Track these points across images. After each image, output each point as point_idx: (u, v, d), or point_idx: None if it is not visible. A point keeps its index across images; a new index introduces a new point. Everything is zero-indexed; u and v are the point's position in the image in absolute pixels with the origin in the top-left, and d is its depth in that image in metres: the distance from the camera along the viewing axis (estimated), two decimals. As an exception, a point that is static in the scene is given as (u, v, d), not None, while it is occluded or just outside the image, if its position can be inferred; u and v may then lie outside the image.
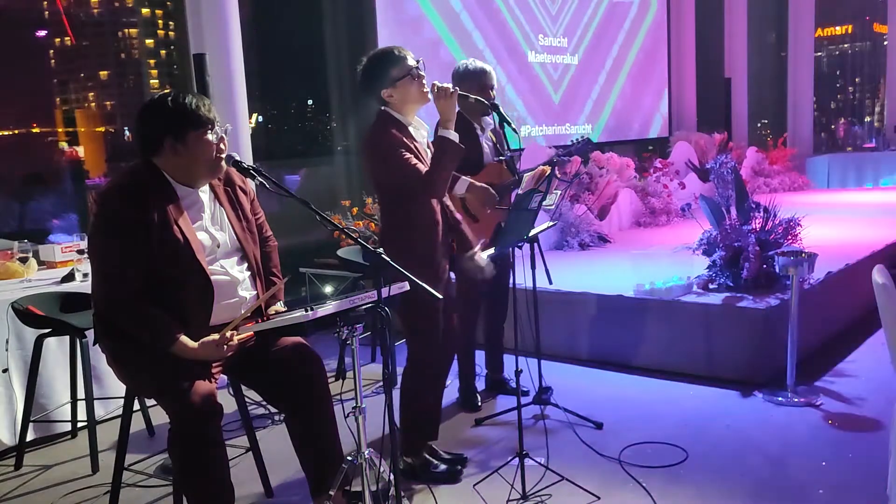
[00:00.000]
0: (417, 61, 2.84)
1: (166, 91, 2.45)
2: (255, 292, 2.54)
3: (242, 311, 2.43)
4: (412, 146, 2.82)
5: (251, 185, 2.65)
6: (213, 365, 2.42)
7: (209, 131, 2.36)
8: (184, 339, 2.31)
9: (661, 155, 9.50)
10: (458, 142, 2.75)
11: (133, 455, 3.20)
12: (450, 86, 2.77)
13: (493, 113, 3.64)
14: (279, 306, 2.62)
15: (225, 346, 2.32)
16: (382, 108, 2.88)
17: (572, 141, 3.88)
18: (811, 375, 4.01)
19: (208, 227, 2.45)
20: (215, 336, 2.33)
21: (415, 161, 2.76)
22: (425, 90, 2.82)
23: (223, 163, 2.42)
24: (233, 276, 2.46)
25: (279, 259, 2.77)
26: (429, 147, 2.93)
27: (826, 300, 4.52)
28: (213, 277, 2.39)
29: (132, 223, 2.28)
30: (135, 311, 2.30)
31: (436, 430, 3.13)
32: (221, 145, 2.40)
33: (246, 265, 2.53)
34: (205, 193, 2.48)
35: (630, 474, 2.99)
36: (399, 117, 2.85)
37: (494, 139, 3.68)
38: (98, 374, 3.63)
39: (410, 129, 2.87)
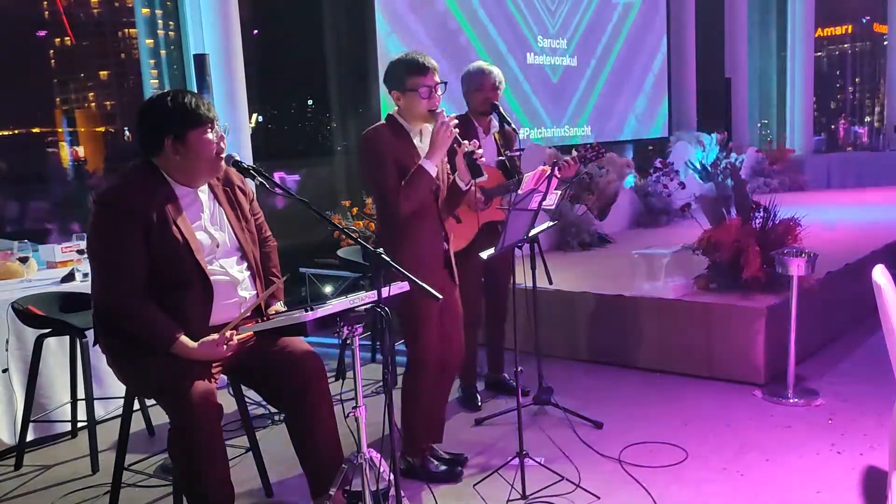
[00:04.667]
0: (440, 82, 2.85)
1: (166, 90, 2.46)
2: (255, 292, 2.54)
3: (242, 311, 2.43)
4: (407, 161, 2.81)
5: (250, 185, 2.65)
6: (213, 365, 2.42)
7: (209, 130, 2.37)
8: (183, 338, 2.31)
9: (660, 155, 9.50)
10: (434, 174, 2.78)
11: (133, 455, 3.20)
12: (454, 122, 2.77)
13: (494, 113, 3.66)
14: (279, 306, 2.62)
15: (224, 346, 2.33)
16: (392, 112, 2.91)
17: (589, 145, 3.85)
18: (811, 375, 4.01)
19: (207, 227, 2.45)
20: (215, 336, 2.33)
21: (393, 180, 2.76)
22: (432, 110, 2.82)
23: (223, 162, 2.43)
24: (232, 276, 2.47)
25: (278, 259, 2.77)
26: None
27: (826, 300, 4.52)
28: (212, 277, 2.40)
29: (131, 223, 2.28)
30: (134, 312, 2.31)
31: (439, 431, 3.13)
32: (221, 144, 2.41)
33: (245, 265, 2.53)
34: (204, 193, 2.49)
35: (630, 474, 2.99)
36: (404, 124, 2.87)
37: (500, 140, 3.67)
38: (98, 374, 3.62)
39: (415, 138, 2.89)
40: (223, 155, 2.42)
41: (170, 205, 2.36)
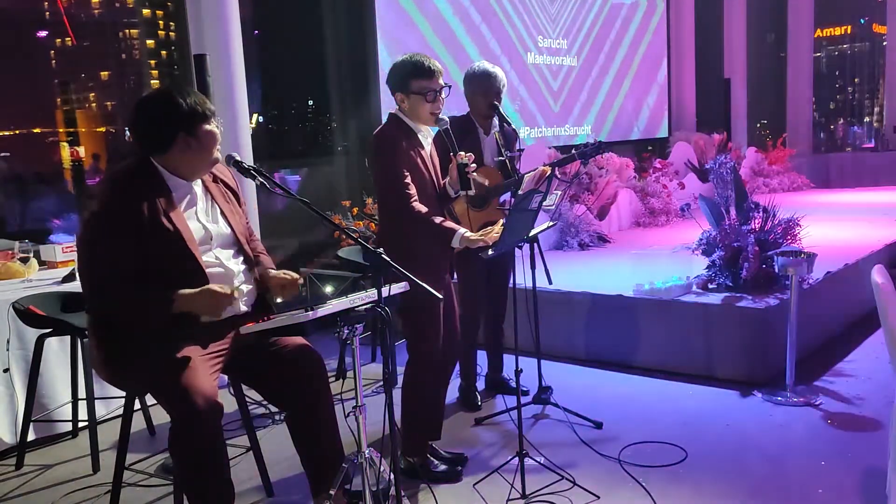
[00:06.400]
0: (444, 85, 2.86)
1: (159, 88, 2.47)
2: (251, 286, 2.54)
3: (240, 286, 2.44)
4: (416, 160, 2.87)
5: (243, 184, 2.66)
6: (214, 364, 2.42)
7: (212, 122, 2.41)
8: (182, 291, 2.29)
9: (660, 155, 9.51)
10: (456, 248, 2.88)
11: (134, 454, 3.21)
12: (473, 163, 2.86)
13: (494, 114, 3.66)
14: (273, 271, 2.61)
15: (231, 295, 2.31)
16: (394, 111, 2.92)
17: (586, 144, 3.86)
18: (810, 375, 4.02)
19: (201, 219, 2.47)
20: (217, 287, 2.31)
21: (412, 188, 2.81)
22: (435, 113, 2.86)
23: (218, 154, 2.46)
24: (228, 267, 2.47)
25: (276, 260, 2.79)
26: (431, 156, 2.99)
27: (825, 300, 4.52)
28: (207, 270, 2.40)
29: (123, 214, 2.29)
30: (127, 293, 2.29)
31: (438, 429, 3.14)
32: (219, 135, 2.46)
33: (242, 258, 2.54)
34: (198, 186, 2.51)
35: (630, 474, 3.00)
36: (409, 123, 2.89)
37: (501, 140, 3.68)
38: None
39: (419, 135, 2.91)
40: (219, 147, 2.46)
41: (163, 199, 2.37)
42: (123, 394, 2.76)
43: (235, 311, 2.47)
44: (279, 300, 2.60)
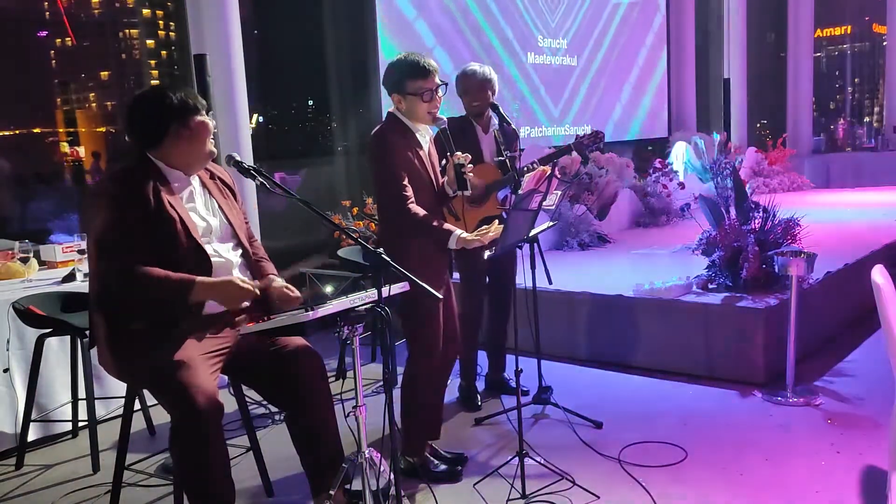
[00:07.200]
0: (441, 83, 2.85)
1: (152, 87, 2.51)
2: (247, 278, 2.56)
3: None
4: (414, 160, 2.86)
5: (242, 184, 2.68)
6: (214, 363, 2.42)
7: (203, 114, 2.46)
8: (201, 279, 2.32)
9: (660, 155, 9.51)
10: (453, 247, 2.84)
11: (134, 454, 3.20)
12: (469, 162, 2.86)
13: (493, 113, 3.67)
14: (277, 280, 2.62)
15: (250, 294, 2.36)
16: (392, 110, 2.91)
17: (584, 133, 3.84)
18: (810, 375, 4.02)
19: (201, 212, 2.50)
20: (239, 281, 2.34)
21: (409, 189, 2.81)
22: (433, 112, 2.85)
23: (213, 147, 2.50)
24: (227, 258, 2.50)
25: (278, 262, 2.79)
26: (430, 156, 2.99)
27: (825, 300, 4.52)
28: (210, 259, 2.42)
29: (130, 204, 2.32)
30: (144, 274, 2.30)
31: (437, 429, 3.14)
32: (212, 127, 2.50)
33: (241, 252, 2.57)
34: (195, 180, 2.54)
35: (630, 474, 3.00)
36: (406, 122, 2.89)
37: (500, 139, 3.68)
38: (99, 374, 3.62)
39: (417, 135, 2.91)
40: (212, 140, 2.50)
41: (164, 189, 2.40)
42: (123, 394, 2.76)
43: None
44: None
